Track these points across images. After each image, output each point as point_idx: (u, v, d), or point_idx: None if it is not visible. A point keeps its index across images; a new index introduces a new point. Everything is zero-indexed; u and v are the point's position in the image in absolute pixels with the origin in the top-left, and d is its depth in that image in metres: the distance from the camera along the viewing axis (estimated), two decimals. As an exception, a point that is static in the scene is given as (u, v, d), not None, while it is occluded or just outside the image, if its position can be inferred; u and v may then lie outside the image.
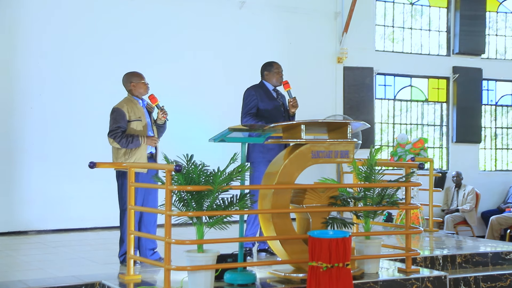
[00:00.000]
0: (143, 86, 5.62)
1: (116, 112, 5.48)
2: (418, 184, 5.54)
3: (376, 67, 10.82)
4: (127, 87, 5.67)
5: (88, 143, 8.14)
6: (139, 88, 5.62)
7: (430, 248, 6.67)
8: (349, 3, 10.28)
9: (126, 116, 5.47)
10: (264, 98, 6.04)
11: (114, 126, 5.42)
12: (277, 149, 5.79)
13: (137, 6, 8.85)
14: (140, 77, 5.65)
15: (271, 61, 6.24)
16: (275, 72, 6.13)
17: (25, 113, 8.15)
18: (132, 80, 5.63)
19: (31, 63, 8.20)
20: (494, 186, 11.69)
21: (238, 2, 9.56)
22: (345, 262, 4.20)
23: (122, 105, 5.52)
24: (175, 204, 4.28)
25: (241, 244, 4.74)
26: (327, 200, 4.78)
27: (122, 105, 5.53)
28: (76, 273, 5.14)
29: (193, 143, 7.28)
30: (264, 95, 6.07)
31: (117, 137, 5.37)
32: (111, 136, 5.40)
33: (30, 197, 8.06)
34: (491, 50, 12.14)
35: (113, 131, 5.40)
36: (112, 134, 5.40)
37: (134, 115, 5.51)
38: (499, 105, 12.28)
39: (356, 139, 4.89)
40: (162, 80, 8.63)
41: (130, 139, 5.39)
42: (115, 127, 5.41)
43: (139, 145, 5.43)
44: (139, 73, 5.70)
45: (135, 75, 5.66)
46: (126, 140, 5.37)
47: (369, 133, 10.16)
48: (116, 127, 5.41)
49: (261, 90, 6.12)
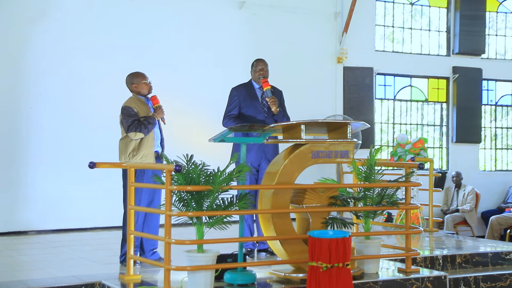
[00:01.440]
0: (144, 86, 5.66)
1: (126, 109, 5.53)
2: (418, 184, 5.54)
3: (376, 67, 10.82)
4: (130, 88, 5.71)
5: (88, 143, 8.14)
6: (141, 88, 5.66)
7: (430, 248, 6.67)
8: (349, 3, 10.28)
9: (135, 111, 5.52)
10: (246, 98, 5.98)
11: (130, 120, 5.45)
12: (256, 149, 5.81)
13: (137, 6, 8.85)
14: (141, 77, 5.67)
15: (256, 59, 6.14)
16: (256, 71, 6.03)
17: (25, 113, 8.15)
18: (133, 81, 5.67)
19: (31, 63, 8.19)
20: (494, 186, 11.69)
21: (238, 2, 9.56)
22: (345, 262, 4.20)
23: (130, 103, 5.59)
24: (175, 204, 4.28)
25: (241, 244, 4.74)
26: (327, 200, 4.78)
27: (129, 102, 5.60)
28: (76, 273, 5.14)
29: (193, 143, 7.28)
30: (246, 94, 6.00)
31: (138, 128, 5.42)
32: (132, 130, 5.42)
33: (30, 197, 8.06)
34: (491, 50, 12.14)
35: (131, 125, 5.43)
36: (132, 128, 5.43)
37: (141, 112, 5.56)
38: (499, 105, 12.28)
39: (356, 139, 4.90)
40: (162, 79, 8.60)
41: (146, 123, 5.45)
42: (131, 121, 5.45)
43: (155, 122, 5.51)
44: (140, 73, 5.72)
45: (136, 76, 5.69)
46: (145, 126, 5.43)
47: (369, 133, 10.16)
48: (132, 120, 5.46)
49: (245, 89, 6.05)
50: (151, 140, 5.53)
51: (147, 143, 5.50)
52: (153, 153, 5.55)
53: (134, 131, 5.41)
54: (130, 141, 5.48)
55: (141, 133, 5.43)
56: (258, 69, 6.02)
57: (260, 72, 5.99)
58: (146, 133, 5.45)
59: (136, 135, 5.43)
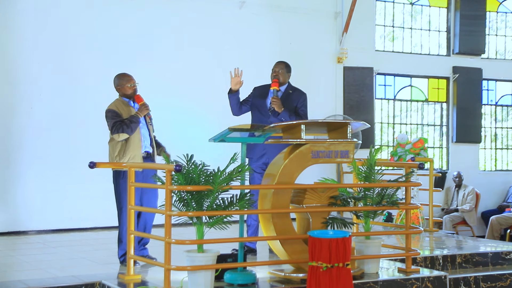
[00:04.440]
0: (127, 89, 5.67)
1: (109, 111, 5.57)
2: (418, 184, 5.54)
3: (376, 67, 10.82)
4: (116, 89, 5.76)
5: (88, 143, 8.13)
6: (124, 90, 5.68)
7: (430, 248, 6.67)
8: (349, 3, 10.28)
9: (118, 113, 5.55)
10: (258, 96, 6.19)
11: (113, 121, 5.48)
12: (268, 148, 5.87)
13: (137, 5, 8.84)
14: (125, 79, 5.68)
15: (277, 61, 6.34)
16: (272, 72, 6.23)
17: (25, 113, 8.15)
18: (118, 83, 5.71)
19: (31, 63, 8.19)
20: (494, 186, 11.70)
21: (238, 2, 9.56)
22: (345, 262, 4.20)
23: (113, 106, 5.62)
24: (175, 204, 4.28)
25: (241, 244, 4.74)
26: (327, 200, 4.78)
27: (112, 106, 5.63)
28: (76, 273, 5.14)
29: (193, 143, 7.27)
30: (260, 93, 6.20)
31: (120, 128, 5.42)
32: (115, 131, 5.44)
33: (30, 197, 8.05)
34: (491, 50, 12.14)
35: (114, 126, 5.46)
36: (115, 129, 5.45)
37: (124, 114, 5.57)
38: (499, 105, 12.28)
39: (356, 139, 4.90)
40: (162, 79, 8.65)
41: (128, 122, 5.45)
42: (113, 123, 5.47)
43: (138, 120, 5.50)
44: (125, 75, 5.73)
45: (120, 78, 5.71)
46: (127, 126, 5.43)
47: (369, 133, 10.16)
48: (114, 122, 5.48)
49: (261, 88, 6.25)
50: (137, 142, 5.53)
51: (133, 145, 5.51)
52: (141, 154, 5.56)
53: (117, 132, 5.43)
54: (117, 143, 5.50)
55: (124, 134, 5.44)
56: (272, 71, 6.22)
57: (273, 74, 6.19)
58: (130, 132, 5.46)
59: (120, 136, 5.45)
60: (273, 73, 6.19)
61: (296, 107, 6.13)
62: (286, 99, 6.10)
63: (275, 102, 5.99)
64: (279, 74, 6.15)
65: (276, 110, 6.00)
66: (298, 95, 6.22)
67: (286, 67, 6.22)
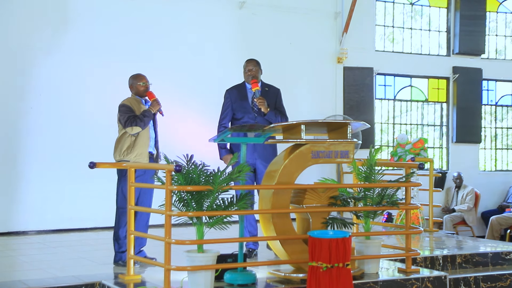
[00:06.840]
0: (139, 87, 5.76)
1: (123, 106, 5.65)
2: (418, 184, 5.54)
3: (376, 67, 10.82)
4: (129, 88, 5.85)
5: (88, 143, 8.14)
6: (137, 89, 5.78)
7: (430, 248, 6.67)
8: (349, 3, 10.28)
9: (132, 109, 5.63)
10: (237, 99, 6.05)
11: (126, 116, 5.56)
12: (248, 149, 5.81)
13: (137, 5, 8.84)
14: (138, 78, 5.79)
15: (247, 59, 6.16)
16: (245, 71, 6.07)
17: (25, 113, 8.15)
18: (131, 83, 5.82)
19: (31, 63, 8.19)
20: (494, 186, 11.69)
21: (238, 2, 9.56)
22: (345, 262, 4.20)
23: (127, 102, 5.72)
24: (175, 204, 4.28)
25: (241, 244, 4.74)
26: (327, 200, 4.78)
27: (126, 101, 5.72)
28: (76, 273, 5.14)
29: (193, 143, 7.28)
30: (238, 95, 6.06)
31: (134, 122, 5.51)
32: (129, 124, 5.51)
33: (30, 197, 8.05)
34: (491, 50, 12.14)
35: (128, 120, 5.53)
36: (128, 122, 5.52)
37: (137, 112, 5.65)
38: (499, 105, 12.28)
39: (356, 139, 4.89)
40: (161, 79, 8.61)
41: (141, 116, 5.55)
42: (127, 117, 5.55)
43: (151, 114, 5.60)
44: (138, 75, 5.83)
45: (134, 78, 5.83)
46: (140, 120, 5.53)
47: (369, 133, 10.16)
48: (128, 116, 5.55)
49: (236, 90, 6.10)
50: (146, 139, 5.61)
51: (142, 142, 5.58)
52: (147, 153, 5.62)
53: (131, 126, 5.51)
54: (126, 139, 5.56)
55: (137, 127, 5.52)
56: (247, 70, 6.05)
57: (249, 73, 6.03)
58: (143, 126, 5.55)
59: (133, 129, 5.52)
60: (247, 72, 6.03)
61: (276, 104, 6.05)
62: (265, 97, 5.99)
63: (262, 102, 5.89)
64: (255, 72, 6.02)
65: (263, 110, 5.93)
66: (275, 92, 6.14)
67: (258, 64, 6.09)
